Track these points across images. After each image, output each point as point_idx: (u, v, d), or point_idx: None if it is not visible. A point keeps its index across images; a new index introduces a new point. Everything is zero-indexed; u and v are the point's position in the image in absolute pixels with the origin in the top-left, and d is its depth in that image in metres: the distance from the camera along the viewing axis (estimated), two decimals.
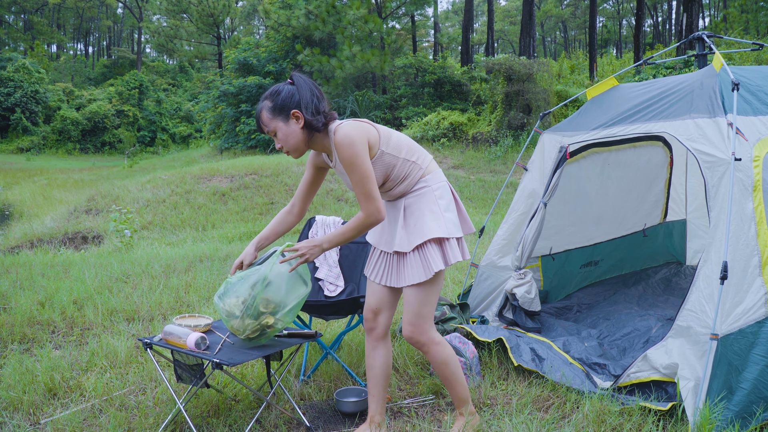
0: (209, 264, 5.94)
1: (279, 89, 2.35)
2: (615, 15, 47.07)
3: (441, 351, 2.46)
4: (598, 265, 4.80)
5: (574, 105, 15.22)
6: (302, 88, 2.34)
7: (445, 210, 2.41)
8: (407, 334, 2.45)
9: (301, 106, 2.31)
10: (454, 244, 2.41)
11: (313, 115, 2.32)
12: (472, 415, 2.58)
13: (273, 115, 2.33)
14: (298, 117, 2.32)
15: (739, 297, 2.56)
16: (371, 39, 19.27)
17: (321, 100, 2.36)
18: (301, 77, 2.38)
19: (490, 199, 12.09)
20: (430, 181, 2.44)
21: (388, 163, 2.38)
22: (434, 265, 2.34)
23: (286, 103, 2.32)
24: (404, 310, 2.45)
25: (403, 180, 2.42)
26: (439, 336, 2.48)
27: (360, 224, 2.33)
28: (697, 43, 3.68)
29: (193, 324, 2.73)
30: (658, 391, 2.76)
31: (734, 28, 24.50)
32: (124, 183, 14.27)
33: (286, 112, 2.32)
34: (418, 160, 2.43)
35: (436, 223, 2.37)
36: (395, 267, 2.46)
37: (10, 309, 4.31)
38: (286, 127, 2.33)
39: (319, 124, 2.33)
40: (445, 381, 2.53)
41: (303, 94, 2.32)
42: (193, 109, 36.52)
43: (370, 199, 2.29)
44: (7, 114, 33.29)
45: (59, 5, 52.05)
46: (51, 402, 2.94)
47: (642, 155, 4.80)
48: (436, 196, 2.42)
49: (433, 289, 2.41)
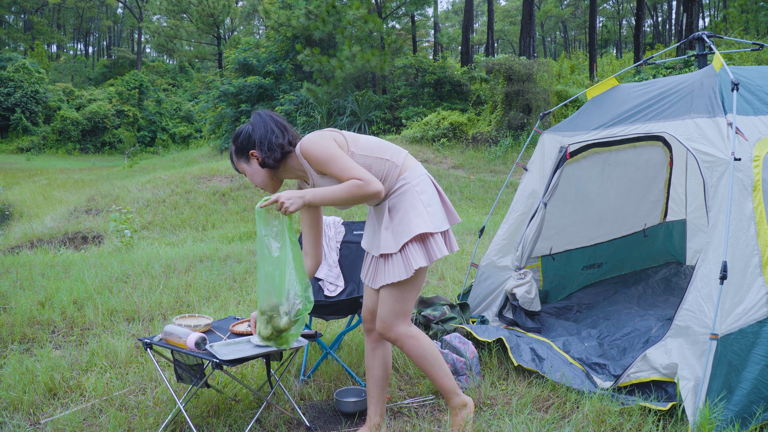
0: (209, 264, 5.95)
1: (239, 132, 2.42)
2: (615, 15, 47.06)
3: (416, 344, 2.43)
4: (600, 267, 4.81)
5: (574, 105, 15.22)
6: (257, 126, 2.38)
7: (428, 204, 2.37)
8: (379, 330, 2.43)
9: (255, 146, 2.37)
10: (439, 240, 2.37)
11: (267, 152, 2.35)
12: (463, 407, 2.52)
13: (237, 158, 2.44)
14: (257, 156, 2.38)
15: (739, 297, 2.56)
16: (371, 39, 19.27)
17: (281, 133, 2.37)
18: (260, 114, 2.41)
19: (490, 199, 12.09)
20: (409, 178, 2.40)
21: (362, 164, 2.35)
22: (415, 262, 2.31)
23: (244, 144, 2.40)
24: (379, 306, 2.42)
25: (383, 180, 2.38)
26: (414, 329, 2.45)
27: (356, 189, 2.24)
28: (697, 43, 3.68)
29: (193, 324, 2.73)
30: (658, 391, 2.76)
31: (734, 28, 24.49)
32: (124, 183, 14.27)
33: (246, 153, 2.40)
34: (392, 158, 2.40)
35: (420, 219, 2.33)
36: (377, 268, 2.45)
37: (10, 309, 4.31)
38: (249, 168, 2.43)
39: (270, 161, 2.36)
40: (426, 374, 2.49)
41: (257, 133, 2.37)
42: (193, 109, 36.51)
43: (362, 173, 2.25)
44: (7, 114, 33.30)
45: (59, 5, 52.04)
46: (51, 402, 2.94)
47: (642, 155, 4.80)
48: (417, 192, 2.38)
49: (412, 287, 2.39)
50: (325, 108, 19.52)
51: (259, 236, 2.35)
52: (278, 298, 2.35)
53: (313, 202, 2.25)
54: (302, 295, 2.32)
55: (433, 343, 2.49)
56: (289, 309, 2.33)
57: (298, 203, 2.23)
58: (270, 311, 2.38)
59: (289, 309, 2.33)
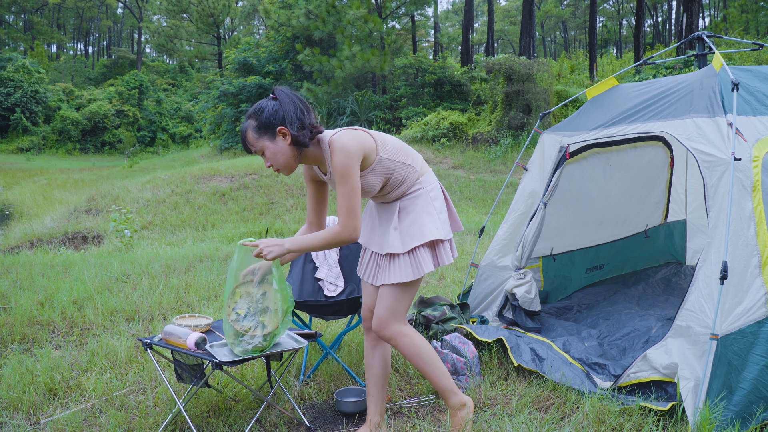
0: (209, 264, 5.95)
1: (262, 106, 2.26)
2: (615, 15, 47.06)
3: (410, 342, 2.43)
4: (603, 268, 4.81)
5: (574, 105, 15.22)
6: (285, 103, 2.25)
7: (440, 212, 2.42)
8: (375, 327, 2.43)
9: (286, 122, 2.23)
10: (447, 247, 2.43)
11: (299, 129, 2.25)
12: (462, 407, 2.51)
13: (259, 134, 2.26)
14: (285, 134, 2.24)
15: (738, 297, 2.56)
16: (371, 39, 19.28)
17: (307, 113, 2.29)
18: (284, 91, 2.30)
19: (490, 199, 12.09)
20: (425, 183, 2.44)
21: (387, 168, 2.37)
22: (425, 266, 2.34)
23: (271, 120, 2.24)
24: (377, 303, 2.43)
25: (401, 183, 2.41)
26: (409, 328, 2.45)
27: (334, 238, 2.26)
28: (697, 43, 3.68)
29: (193, 324, 2.73)
30: (658, 391, 2.76)
31: (734, 28, 24.50)
32: (124, 183, 14.28)
33: (272, 129, 2.24)
34: (413, 163, 2.43)
35: (434, 225, 2.37)
36: (382, 266, 2.45)
37: (10, 309, 4.31)
38: (273, 145, 2.26)
39: (305, 138, 2.26)
40: (422, 373, 2.49)
41: (287, 110, 2.24)
42: (193, 109, 36.52)
43: (351, 215, 2.24)
44: (7, 114, 33.30)
45: (59, 5, 52.05)
46: (51, 402, 2.94)
47: (643, 156, 4.80)
48: (431, 198, 2.41)
49: (411, 288, 2.42)
50: (325, 108, 19.53)
51: (232, 268, 2.41)
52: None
53: (292, 250, 2.27)
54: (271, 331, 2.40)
55: (427, 343, 2.49)
56: (245, 338, 2.40)
57: (276, 251, 2.24)
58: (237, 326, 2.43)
59: (245, 338, 2.40)
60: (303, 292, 3.51)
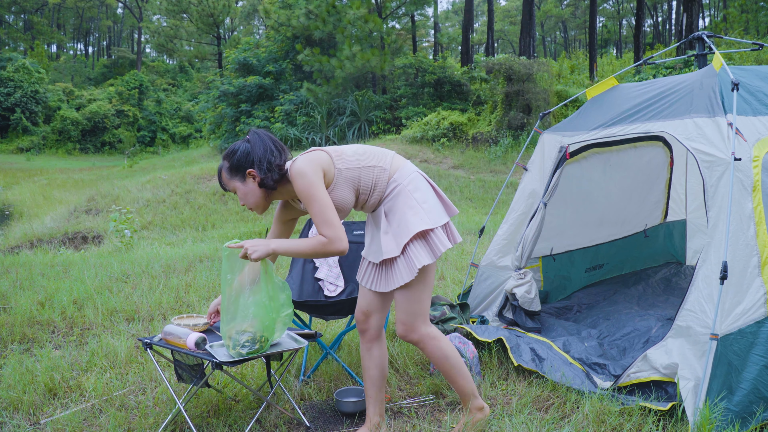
0: (209, 264, 5.95)
1: (235, 148, 2.35)
2: (615, 15, 47.05)
3: (437, 345, 2.44)
4: (602, 268, 4.81)
5: (574, 105, 15.22)
6: (257, 145, 2.33)
7: (423, 201, 2.38)
8: (400, 333, 2.44)
9: (255, 165, 2.31)
10: (440, 234, 2.37)
11: (267, 172, 2.31)
12: (480, 410, 2.54)
13: (231, 175, 2.36)
14: (254, 176, 2.33)
15: (738, 297, 2.56)
16: (371, 39, 19.28)
17: (278, 154, 2.35)
18: (258, 133, 2.38)
19: (490, 199, 12.09)
20: (399, 179, 2.40)
21: (351, 177, 2.36)
22: (418, 261, 2.31)
23: (242, 162, 2.33)
24: (396, 310, 2.44)
25: (374, 188, 2.39)
26: (435, 330, 2.46)
27: (322, 248, 2.26)
28: (697, 43, 3.68)
29: (192, 324, 2.73)
30: (658, 391, 2.76)
31: (734, 28, 24.50)
32: (124, 183, 14.28)
33: (242, 171, 2.33)
34: (379, 163, 2.41)
35: (417, 218, 2.33)
36: (384, 273, 2.44)
37: (10, 309, 4.31)
38: (244, 187, 2.36)
39: (270, 181, 2.33)
40: (446, 376, 2.50)
41: (256, 152, 2.32)
42: (193, 109, 36.53)
43: (331, 227, 2.25)
44: (7, 114, 33.31)
45: (59, 5, 52.05)
46: (51, 402, 2.94)
47: (643, 156, 4.80)
48: (409, 191, 2.38)
49: (422, 286, 2.39)
50: (325, 108, 19.53)
51: (224, 275, 2.42)
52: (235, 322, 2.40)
53: (278, 251, 2.29)
54: (257, 338, 2.39)
55: (452, 345, 2.50)
56: (235, 343, 2.39)
57: (261, 251, 2.26)
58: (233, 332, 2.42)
59: (235, 343, 2.39)
60: (303, 292, 3.51)
